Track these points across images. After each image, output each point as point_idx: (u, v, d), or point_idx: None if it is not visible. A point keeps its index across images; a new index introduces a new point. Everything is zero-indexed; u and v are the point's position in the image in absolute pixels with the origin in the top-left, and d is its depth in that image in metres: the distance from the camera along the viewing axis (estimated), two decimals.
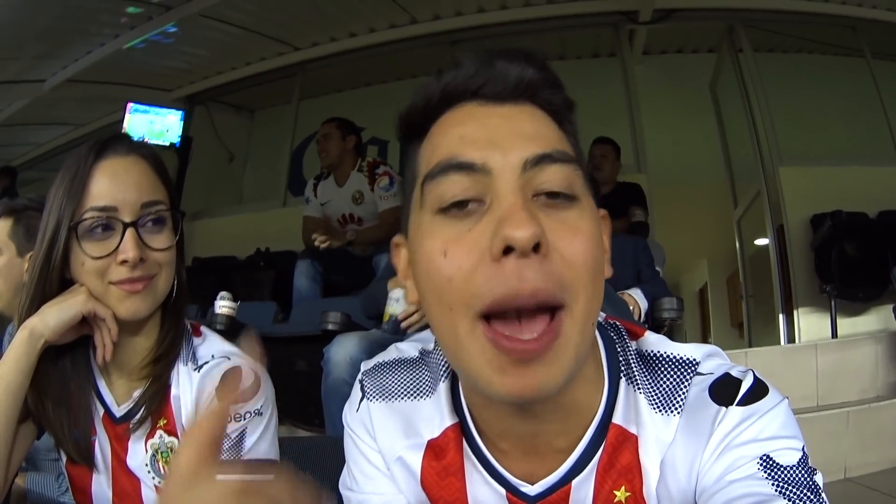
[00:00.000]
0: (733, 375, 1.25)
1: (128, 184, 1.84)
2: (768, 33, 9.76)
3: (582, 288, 1.09)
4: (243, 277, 8.89)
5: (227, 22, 9.42)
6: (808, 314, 8.27)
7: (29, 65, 9.43)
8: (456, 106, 1.21)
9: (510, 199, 1.08)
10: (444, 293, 1.12)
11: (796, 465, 1.14)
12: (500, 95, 1.18)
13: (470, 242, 1.09)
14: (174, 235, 1.91)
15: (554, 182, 1.12)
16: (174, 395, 1.93)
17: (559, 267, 1.07)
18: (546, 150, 1.13)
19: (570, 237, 1.09)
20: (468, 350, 1.11)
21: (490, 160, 1.11)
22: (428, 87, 1.23)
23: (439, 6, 9.76)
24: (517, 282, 1.04)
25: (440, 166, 1.15)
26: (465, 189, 1.12)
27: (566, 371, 1.09)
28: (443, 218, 1.14)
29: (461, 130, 1.17)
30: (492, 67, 1.19)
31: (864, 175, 8.55)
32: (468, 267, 1.08)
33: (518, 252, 1.04)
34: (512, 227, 1.03)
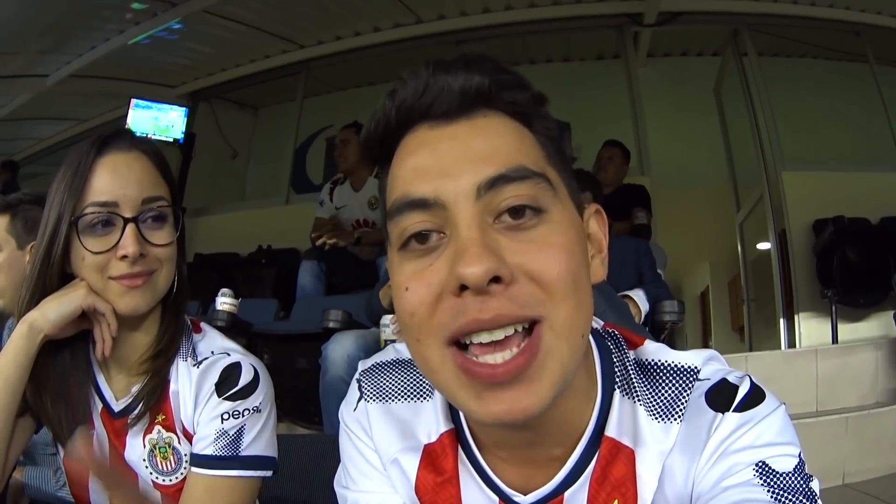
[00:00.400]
0: (730, 381, 1.24)
1: (129, 179, 1.84)
2: (773, 37, 9.77)
3: (560, 301, 1.07)
4: (245, 274, 8.90)
5: (232, 19, 9.43)
6: (808, 319, 8.27)
7: (33, 59, 9.45)
8: (411, 130, 1.19)
9: (465, 232, 1.06)
10: (409, 327, 1.12)
11: (792, 472, 1.14)
12: (448, 113, 1.15)
13: (429, 277, 1.08)
14: (175, 232, 1.91)
15: (512, 199, 1.09)
16: (173, 391, 1.93)
17: (527, 287, 1.05)
18: (500, 170, 1.09)
19: (536, 254, 1.07)
20: (443, 377, 1.11)
21: (442, 193, 1.09)
22: (383, 112, 1.21)
23: (444, 6, 9.77)
24: (478, 312, 1.03)
25: (396, 205, 1.13)
26: (421, 222, 1.10)
27: (553, 387, 1.08)
28: (405, 254, 1.13)
29: (414, 161, 1.15)
30: (435, 83, 1.15)
31: (867, 180, 8.55)
32: (429, 301, 1.08)
33: (473, 290, 1.03)
34: (464, 265, 1.02)
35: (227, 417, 1.85)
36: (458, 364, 1.07)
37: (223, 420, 1.85)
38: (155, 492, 1.94)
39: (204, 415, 1.88)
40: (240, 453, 1.84)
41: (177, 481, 1.93)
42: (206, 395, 1.88)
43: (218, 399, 1.86)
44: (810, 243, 8.32)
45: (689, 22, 9.71)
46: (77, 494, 2.04)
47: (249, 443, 1.86)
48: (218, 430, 1.85)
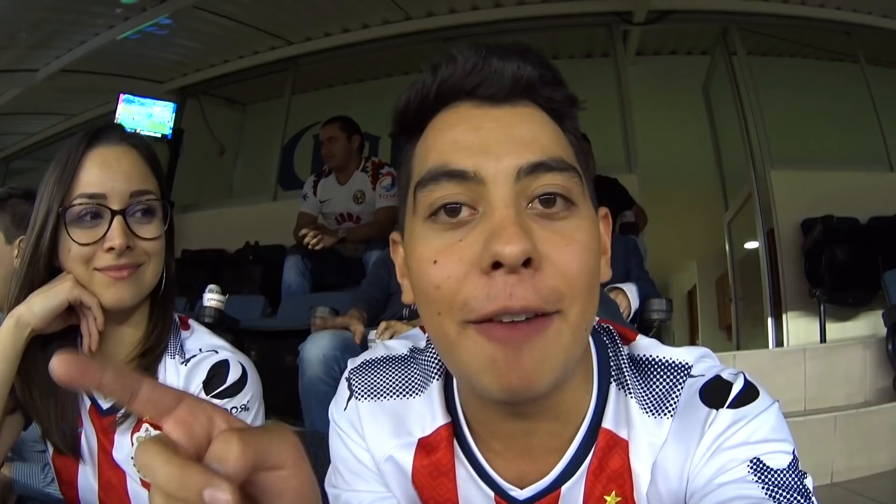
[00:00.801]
0: (724, 378, 1.25)
1: (118, 172, 1.85)
2: (762, 37, 9.79)
3: (577, 297, 1.08)
4: (232, 271, 8.89)
5: (221, 14, 9.41)
6: (797, 318, 8.29)
7: (22, 54, 9.42)
8: (451, 105, 1.18)
9: (502, 211, 1.07)
10: (432, 300, 1.11)
11: (787, 469, 1.14)
12: (496, 96, 1.15)
13: (460, 252, 1.08)
14: (163, 226, 1.91)
15: (549, 188, 1.10)
16: None
17: (552, 280, 1.06)
18: (541, 157, 1.10)
19: (564, 248, 1.08)
20: (460, 349, 1.10)
21: (482, 168, 1.09)
22: (423, 84, 1.20)
23: (433, 3, 9.76)
24: (507, 299, 1.03)
25: (431, 173, 1.13)
26: (455, 194, 1.11)
27: (556, 369, 1.08)
28: (434, 225, 1.12)
29: (454, 135, 1.15)
30: (487, 65, 1.15)
31: (856, 180, 8.58)
32: (457, 276, 1.08)
33: (507, 268, 1.03)
34: (501, 242, 1.02)
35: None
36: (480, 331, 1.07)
37: None
38: (143, 491, 1.93)
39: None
40: None
41: None
42: (194, 393, 1.84)
43: (206, 396, 1.85)
44: (799, 242, 8.33)
45: (678, 20, 9.72)
46: (66, 492, 2.03)
47: None
48: None
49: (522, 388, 1.07)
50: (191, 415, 0.74)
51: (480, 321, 1.06)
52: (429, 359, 1.41)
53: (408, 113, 1.23)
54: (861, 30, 9.47)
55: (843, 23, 9.43)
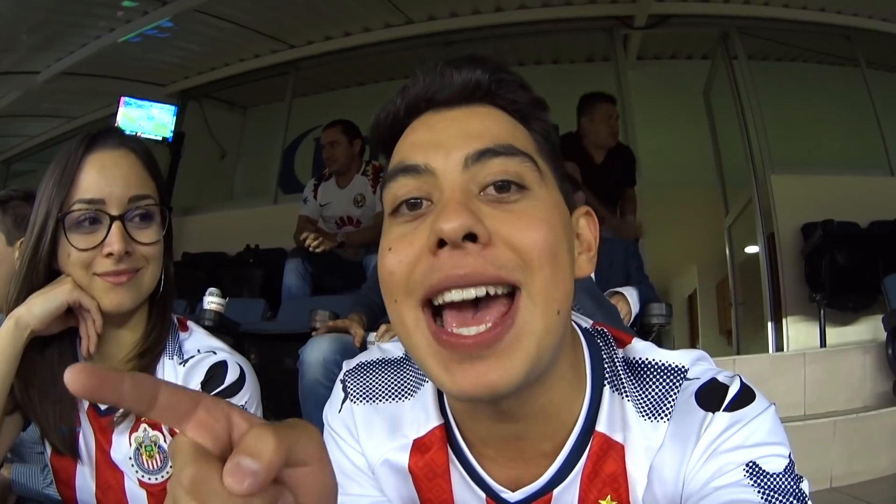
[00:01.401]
0: (720, 381, 1.25)
1: (116, 177, 1.85)
2: (763, 41, 9.79)
3: (536, 269, 1.09)
4: (232, 274, 8.89)
5: (222, 18, 9.42)
6: (796, 323, 8.29)
7: (23, 56, 9.42)
8: (416, 117, 1.23)
9: (447, 194, 1.10)
10: (388, 286, 1.15)
11: (783, 473, 1.14)
12: (450, 101, 1.21)
13: (412, 238, 1.12)
14: (162, 230, 1.92)
15: (498, 173, 1.13)
16: None
17: (504, 252, 1.08)
18: (489, 144, 1.14)
19: (516, 223, 1.10)
20: (416, 342, 1.13)
21: (432, 161, 1.14)
22: (393, 104, 1.26)
23: (434, 7, 9.77)
24: (451, 269, 1.06)
25: (390, 172, 1.18)
26: (412, 189, 1.15)
27: (525, 364, 1.08)
28: (396, 220, 1.16)
29: (412, 137, 1.21)
30: (442, 75, 1.21)
31: (856, 184, 8.59)
32: (409, 260, 1.11)
33: (450, 244, 1.05)
34: (441, 219, 1.06)
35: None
36: (431, 331, 1.09)
37: None
38: (140, 491, 1.93)
39: None
40: None
41: (162, 480, 1.93)
42: None
43: None
44: (799, 247, 8.33)
45: (678, 25, 9.74)
46: (64, 493, 2.04)
47: None
48: None
49: (483, 394, 1.07)
50: (211, 416, 0.74)
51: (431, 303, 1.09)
52: None
53: (381, 129, 1.28)
54: (861, 34, 9.48)
55: (843, 27, 9.46)
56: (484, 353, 1.06)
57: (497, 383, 1.06)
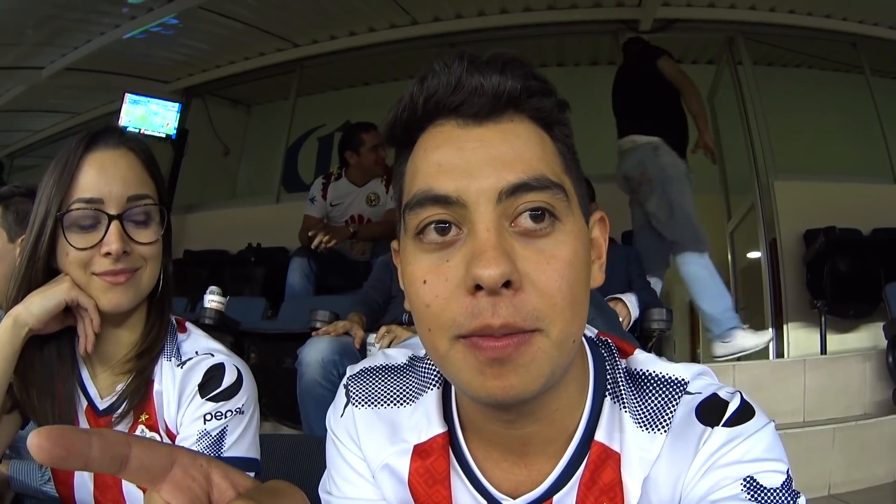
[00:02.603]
0: (721, 396, 1.25)
1: (115, 177, 1.86)
2: (768, 47, 9.81)
3: (558, 315, 1.10)
4: (234, 272, 8.90)
5: (228, 16, 9.43)
6: (797, 329, 8.28)
7: (28, 51, 9.45)
8: (436, 122, 1.20)
9: (483, 234, 1.09)
10: (423, 317, 1.14)
11: (780, 488, 1.14)
12: (479, 114, 1.17)
13: (447, 273, 1.11)
14: (160, 230, 1.92)
15: (530, 204, 1.12)
16: (157, 391, 1.93)
17: (532, 299, 1.08)
18: (522, 177, 1.12)
19: (544, 266, 1.10)
20: (451, 362, 1.13)
21: (464, 193, 1.11)
22: (410, 99, 1.22)
23: (440, 8, 9.78)
24: (490, 316, 1.06)
25: (417, 198, 1.15)
26: (441, 215, 1.13)
27: (541, 379, 1.10)
28: (423, 245, 1.15)
29: (438, 157, 1.17)
30: (469, 82, 1.16)
31: (859, 191, 8.59)
32: (445, 296, 1.10)
33: (487, 290, 1.05)
34: (481, 266, 1.05)
35: (209, 418, 1.85)
36: (467, 345, 1.09)
37: (206, 421, 1.85)
38: (138, 491, 1.93)
39: (187, 415, 1.88)
40: (222, 454, 1.83)
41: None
42: (189, 396, 1.89)
43: (201, 400, 1.87)
44: (801, 253, 8.33)
45: (684, 30, 9.72)
46: (62, 492, 2.04)
47: (231, 444, 1.86)
48: (200, 431, 1.85)
49: (507, 396, 1.09)
50: (188, 476, 0.74)
51: (466, 336, 1.09)
52: (427, 367, 1.42)
53: (396, 129, 1.25)
54: (867, 41, 9.49)
55: (849, 34, 9.45)
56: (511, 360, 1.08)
57: (520, 390, 1.09)
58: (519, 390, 1.09)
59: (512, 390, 1.09)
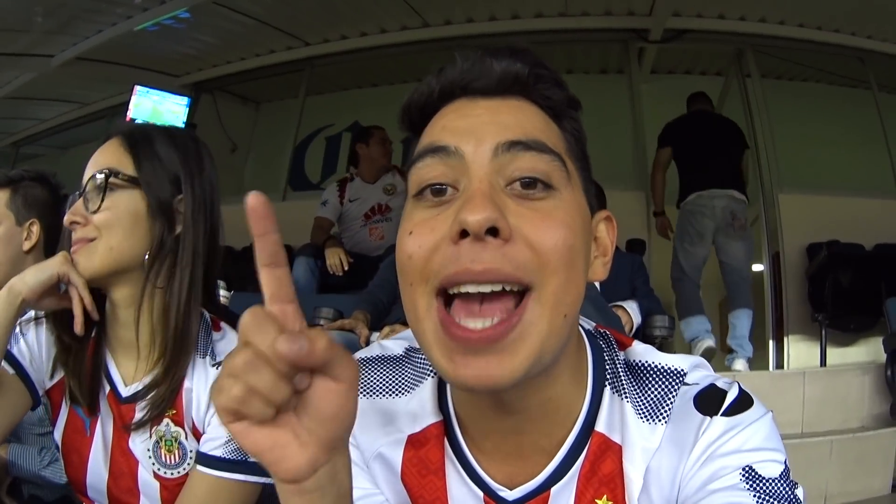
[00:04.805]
0: (719, 386, 1.26)
1: (91, 163, 1.95)
2: (777, 60, 9.81)
3: (551, 271, 1.10)
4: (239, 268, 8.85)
5: (240, 12, 9.42)
6: (798, 341, 8.29)
7: (38, 39, 9.43)
8: (449, 102, 1.24)
9: (475, 184, 1.11)
10: (405, 270, 1.15)
11: (778, 478, 1.15)
12: (487, 90, 1.20)
13: (434, 223, 1.12)
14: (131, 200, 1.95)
15: (526, 169, 1.13)
16: (186, 388, 1.95)
17: (523, 251, 1.08)
18: (520, 136, 1.14)
19: (538, 223, 1.10)
20: (425, 327, 1.14)
21: (463, 145, 1.14)
22: (428, 85, 1.26)
23: (451, 12, 9.79)
24: (469, 262, 1.07)
25: (419, 152, 1.19)
26: (439, 174, 1.15)
27: (527, 362, 1.09)
28: (420, 202, 1.17)
29: (444, 121, 1.21)
30: (481, 63, 1.21)
31: (863, 206, 8.59)
32: (428, 246, 1.11)
33: (472, 236, 1.06)
34: (466, 211, 1.06)
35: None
36: (440, 318, 1.10)
37: None
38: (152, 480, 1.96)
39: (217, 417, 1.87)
40: (248, 458, 1.82)
41: (178, 476, 1.95)
42: None
43: None
44: (803, 266, 8.35)
45: (694, 40, 9.74)
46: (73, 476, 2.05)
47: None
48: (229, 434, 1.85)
49: (480, 386, 1.09)
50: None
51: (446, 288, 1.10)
52: (424, 358, 1.42)
53: (412, 111, 1.28)
54: (875, 56, 9.49)
55: (857, 49, 9.46)
56: (487, 348, 1.07)
57: (497, 378, 1.07)
58: (500, 380, 1.08)
59: (491, 379, 1.08)
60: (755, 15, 9.28)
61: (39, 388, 2.02)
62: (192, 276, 1.99)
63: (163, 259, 1.98)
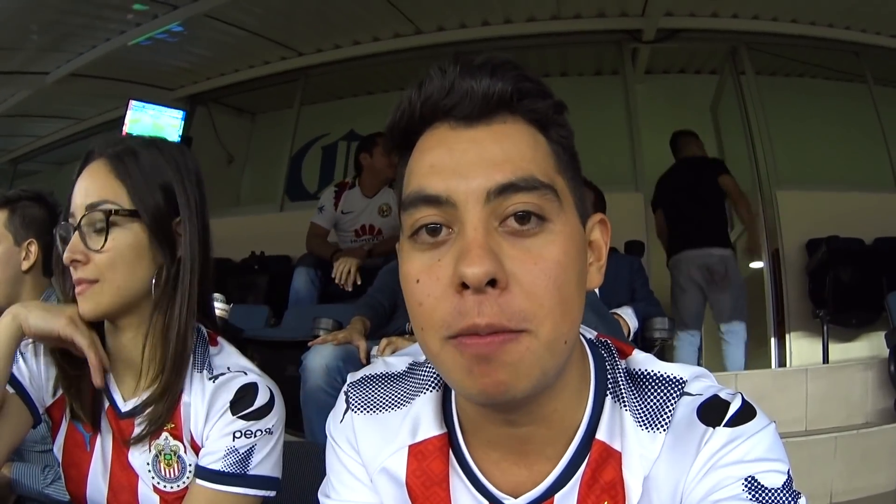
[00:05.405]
0: (722, 397, 1.26)
1: (80, 189, 1.88)
2: (771, 56, 9.81)
3: (545, 316, 1.10)
4: (237, 280, 8.88)
5: (233, 24, 9.44)
6: (799, 338, 8.30)
7: (33, 57, 9.46)
8: (433, 125, 1.22)
9: (470, 233, 1.11)
10: (415, 315, 1.16)
11: (781, 488, 1.15)
12: (470, 116, 1.19)
13: (438, 272, 1.12)
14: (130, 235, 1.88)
15: (519, 206, 1.13)
16: (185, 402, 1.93)
17: (518, 299, 1.09)
18: (511, 178, 1.13)
19: (531, 267, 1.11)
20: (443, 360, 1.15)
21: (454, 193, 1.13)
22: (408, 103, 1.24)
23: (444, 18, 9.79)
24: (476, 315, 1.08)
25: (410, 198, 1.18)
26: (433, 216, 1.15)
27: (531, 379, 1.11)
28: (417, 244, 1.17)
29: (430, 158, 1.19)
30: (460, 85, 1.19)
31: (862, 201, 8.59)
32: (436, 295, 1.12)
33: (472, 288, 1.07)
34: (466, 263, 1.07)
35: (238, 436, 1.87)
36: (455, 346, 1.11)
37: (235, 438, 1.87)
38: (152, 493, 1.95)
39: (215, 430, 1.89)
40: (248, 472, 1.86)
41: (178, 489, 1.94)
42: (220, 411, 1.90)
43: (232, 416, 1.88)
44: (803, 263, 8.36)
45: (687, 39, 9.75)
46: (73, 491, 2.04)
47: (258, 463, 1.88)
48: (228, 447, 1.86)
49: (497, 394, 1.11)
50: None
51: (455, 336, 1.10)
52: (427, 371, 1.43)
53: (395, 132, 1.27)
54: (870, 50, 9.50)
55: (851, 43, 9.47)
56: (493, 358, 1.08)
57: (509, 389, 1.10)
58: (509, 388, 1.10)
59: (502, 386, 1.10)
60: (748, 12, 9.30)
61: (40, 407, 1.99)
62: (190, 294, 1.96)
63: (167, 283, 1.95)
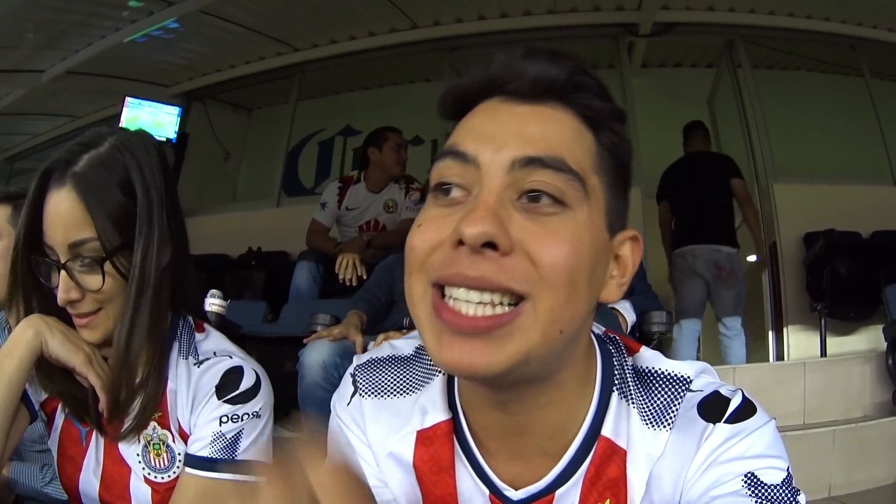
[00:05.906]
0: (722, 394, 1.26)
1: (56, 224, 1.81)
2: (768, 50, 9.82)
3: (548, 286, 1.08)
4: (234, 276, 8.88)
5: (228, 20, 9.44)
6: (797, 332, 8.30)
7: (29, 55, 9.46)
8: (487, 99, 1.22)
9: (483, 196, 1.10)
10: (408, 258, 1.16)
11: (780, 485, 1.15)
12: (521, 93, 1.18)
13: (441, 224, 1.12)
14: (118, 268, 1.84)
15: (538, 184, 1.11)
16: (170, 390, 1.93)
17: (522, 263, 1.07)
18: (540, 153, 1.11)
19: (541, 237, 1.08)
20: (419, 311, 1.14)
21: (481, 154, 1.12)
22: (470, 77, 1.24)
23: (440, 12, 9.80)
24: (466, 268, 1.07)
25: (443, 151, 1.18)
26: (455, 174, 1.14)
27: (510, 360, 1.08)
28: (436, 199, 1.16)
29: (474, 122, 1.19)
30: (518, 64, 1.19)
31: (859, 194, 8.60)
32: (430, 243, 1.12)
33: (468, 247, 1.06)
34: (466, 222, 1.05)
35: (225, 420, 1.86)
36: (434, 302, 1.11)
37: (221, 423, 1.86)
38: (144, 487, 1.95)
39: (202, 416, 1.88)
40: (236, 457, 1.85)
41: (169, 479, 1.94)
42: (206, 397, 1.89)
43: (217, 401, 1.87)
44: (801, 256, 8.36)
45: (684, 33, 9.76)
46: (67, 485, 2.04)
47: (246, 447, 1.87)
48: (215, 433, 1.86)
49: (460, 370, 1.11)
50: None
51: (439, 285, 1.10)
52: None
53: (448, 98, 1.26)
54: (866, 44, 9.50)
55: (848, 36, 9.47)
56: (474, 333, 1.07)
57: (478, 365, 1.07)
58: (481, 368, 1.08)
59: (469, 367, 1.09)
60: (744, 6, 9.30)
61: (35, 403, 1.99)
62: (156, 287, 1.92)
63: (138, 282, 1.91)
